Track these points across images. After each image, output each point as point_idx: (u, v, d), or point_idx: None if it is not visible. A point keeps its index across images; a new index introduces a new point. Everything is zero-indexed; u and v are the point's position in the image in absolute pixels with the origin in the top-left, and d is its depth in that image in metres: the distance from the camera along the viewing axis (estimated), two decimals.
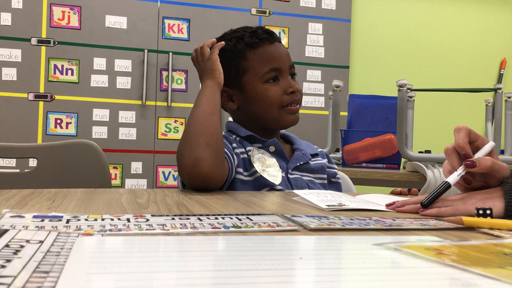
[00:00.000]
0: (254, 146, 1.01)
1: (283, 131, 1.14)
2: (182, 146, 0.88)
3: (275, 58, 1.01)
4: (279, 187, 0.96)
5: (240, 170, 0.97)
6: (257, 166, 0.96)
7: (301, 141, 1.12)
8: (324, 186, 1.07)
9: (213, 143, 0.87)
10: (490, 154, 0.71)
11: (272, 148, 1.02)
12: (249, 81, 1.01)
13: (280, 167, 0.99)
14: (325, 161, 1.10)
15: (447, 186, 0.68)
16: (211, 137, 0.88)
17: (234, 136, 1.03)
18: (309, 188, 1.02)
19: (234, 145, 1.00)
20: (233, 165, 0.94)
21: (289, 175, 1.01)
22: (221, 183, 0.90)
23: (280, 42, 1.06)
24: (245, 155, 0.99)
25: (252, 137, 1.02)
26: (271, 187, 0.96)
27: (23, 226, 0.45)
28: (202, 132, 0.88)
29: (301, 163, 1.04)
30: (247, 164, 0.98)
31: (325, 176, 1.08)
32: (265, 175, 0.95)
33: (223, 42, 1.02)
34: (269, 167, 0.97)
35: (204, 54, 1.01)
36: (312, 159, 1.07)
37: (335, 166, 1.14)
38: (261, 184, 0.96)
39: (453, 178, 0.69)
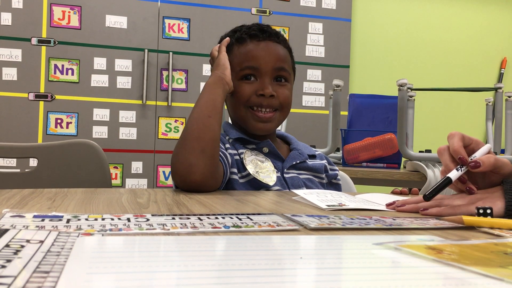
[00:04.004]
0: (247, 148, 1.00)
1: (280, 131, 1.13)
2: (178, 149, 0.87)
3: (255, 57, 0.98)
4: (275, 188, 0.96)
5: (235, 170, 0.96)
6: (250, 168, 0.95)
7: (299, 142, 1.11)
8: (323, 185, 1.07)
9: (208, 150, 0.85)
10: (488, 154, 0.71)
11: (265, 149, 1.01)
12: (231, 76, 0.98)
13: (275, 167, 0.99)
14: (324, 162, 1.09)
15: (448, 180, 0.68)
16: (207, 143, 0.85)
17: (227, 137, 1.02)
18: (307, 186, 1.02)
19: (227, 145, 0.98)
20: (227, 166, 0.93)
21: (284, 174, 1.00)
22: (215, 188, 0.88)
23: (279, 41, 1.02)
24: (237, 157, 0.98)
25: (242, 139, 1.01)
26: (266, 188, 0.95)
27: (24, 226, 0.45)
28: (198, 137, 0.85)
29: (298, 161, 1.03)
30: (240, 165, 0.97)
31: (323, 175, 1.07)
32: (259, 177, 0.94)
33: (228, 38, 1.02)
34: (262, 169, 0.96)
35: (213, 57, 1.01)
36: (310, 160, 1.06)
37: (336, 168, 1.12)
38: (256, 185, 0.96)
39: (454, 174, 0.69)
